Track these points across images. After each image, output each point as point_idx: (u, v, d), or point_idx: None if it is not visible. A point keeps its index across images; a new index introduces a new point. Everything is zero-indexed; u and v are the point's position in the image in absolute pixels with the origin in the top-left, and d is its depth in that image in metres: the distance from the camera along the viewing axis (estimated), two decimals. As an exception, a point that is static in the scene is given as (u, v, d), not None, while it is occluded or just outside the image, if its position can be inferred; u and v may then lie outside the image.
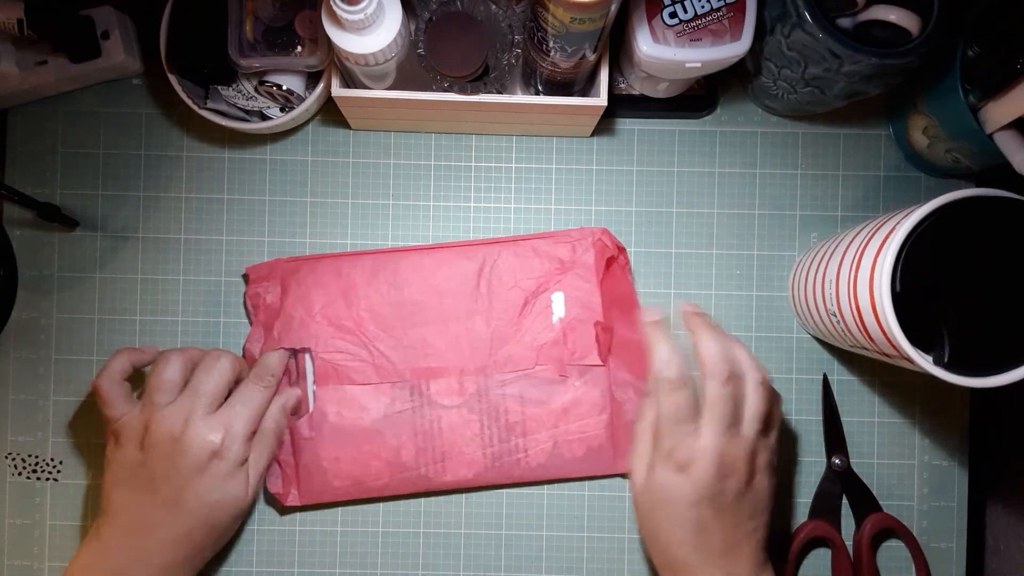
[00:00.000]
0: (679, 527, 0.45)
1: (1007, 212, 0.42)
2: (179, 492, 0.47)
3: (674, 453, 0.44)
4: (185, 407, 0.48)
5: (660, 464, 0.45)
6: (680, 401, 0.45)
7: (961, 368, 0.42)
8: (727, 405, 0.44)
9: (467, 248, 0.55)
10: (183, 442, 0.47)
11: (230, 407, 0.49)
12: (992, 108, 0.48)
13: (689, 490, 0.44)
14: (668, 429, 0.45)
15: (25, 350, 0.56)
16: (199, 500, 0.48)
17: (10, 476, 0.55)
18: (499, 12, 0.47)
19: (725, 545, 0.45)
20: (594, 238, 0.55)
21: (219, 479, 0.48)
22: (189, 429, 0.47)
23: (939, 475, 0.56)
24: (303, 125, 0.57)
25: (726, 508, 0.45)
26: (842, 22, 0.48)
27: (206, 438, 0.48)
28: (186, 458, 0.47)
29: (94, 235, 0.56)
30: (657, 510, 0.46)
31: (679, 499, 0.44)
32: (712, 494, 0.44)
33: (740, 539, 0.45)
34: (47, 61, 0.53)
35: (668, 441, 0.45)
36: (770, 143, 0.58)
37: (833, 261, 0.48)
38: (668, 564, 0.46)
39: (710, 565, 0.45)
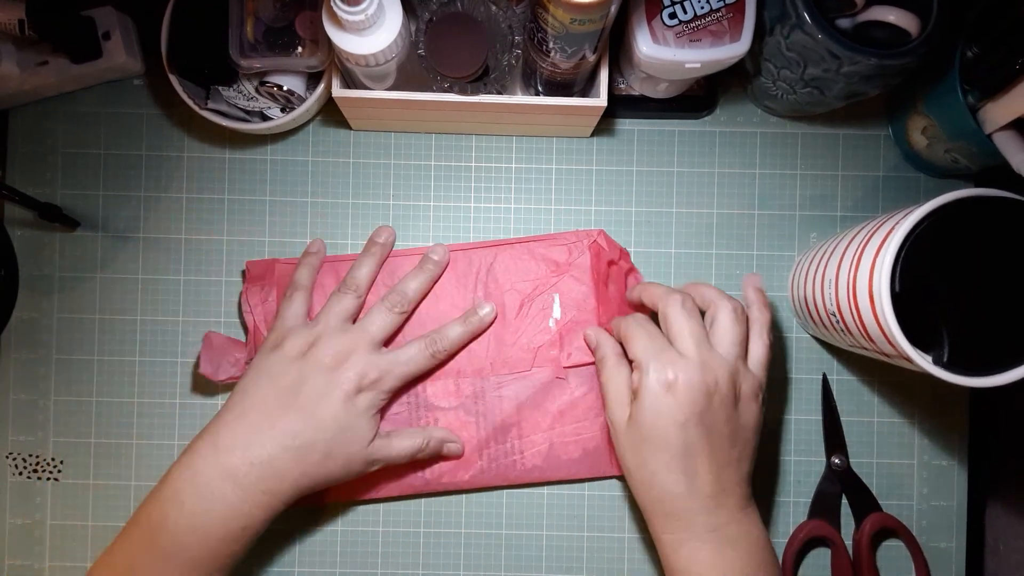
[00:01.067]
0: (669, 451, 0.44)
1: (1006, 212, 0.42)
2: (318, 404, 0.48)
3: (660, 374, 0.44)
4: (354, 339, 0.50)
5: (645, 390, 0.45)
6: (651, 331, 0.47)
7: (960, 368, 0.42)
8: (692, 323, 0.46)
9: (464, 251, 0.55)
10: (343, 366, 0.49)
11: (395, 359, 0.51)
12: (991, 108, 0.48)
13: (677, 409, 0.44)
14: (646, 353, 0.45)
15: (26, 350, 0.56)
16: (333, 419, 0.48)
17: (11, 476, 0.55)
18: (499, 13, 0.47)
19: (712, 471, 0.45)
20: (590, 240, 0.55)
21: (356, 412, 0.48)
22: (352, 356, 0.49)
23: (938, 475, 0.56)
24: (304, 125, 0.57)
25: (713, 429, 0.45)
26: (841, 23, 0.48)
27: (364, 371, 0.49)
28: (338, 381, 0.48)
29: (95, 235, 0.56)
30: (647, 439, 0.45)
31: (670, 420, 0.44)
32: (700, 411, 0.44)
33: (726, 466, 0.45)
34: (48, 61, 0.53)
35: (650, 364, 0.45)
36: (770, 143, 0.58)
37: (832, 261, 0.48)
38: (656, 497, 0.45)
39: (697, 490, 0.44)
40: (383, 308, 0.52)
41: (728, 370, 0.45)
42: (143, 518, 0.46)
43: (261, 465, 0.46)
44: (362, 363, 0.49)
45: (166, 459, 0.55)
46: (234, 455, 0.46)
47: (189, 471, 0.46)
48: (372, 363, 0.49)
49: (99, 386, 0.56)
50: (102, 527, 0.55)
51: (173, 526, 0.45)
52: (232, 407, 0.48)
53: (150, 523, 0.46)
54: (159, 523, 0.45)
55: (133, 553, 0.46)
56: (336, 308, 0.51)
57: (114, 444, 0.56)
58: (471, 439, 0.54)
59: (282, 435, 0.47)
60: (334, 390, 0.48)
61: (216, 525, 0.45)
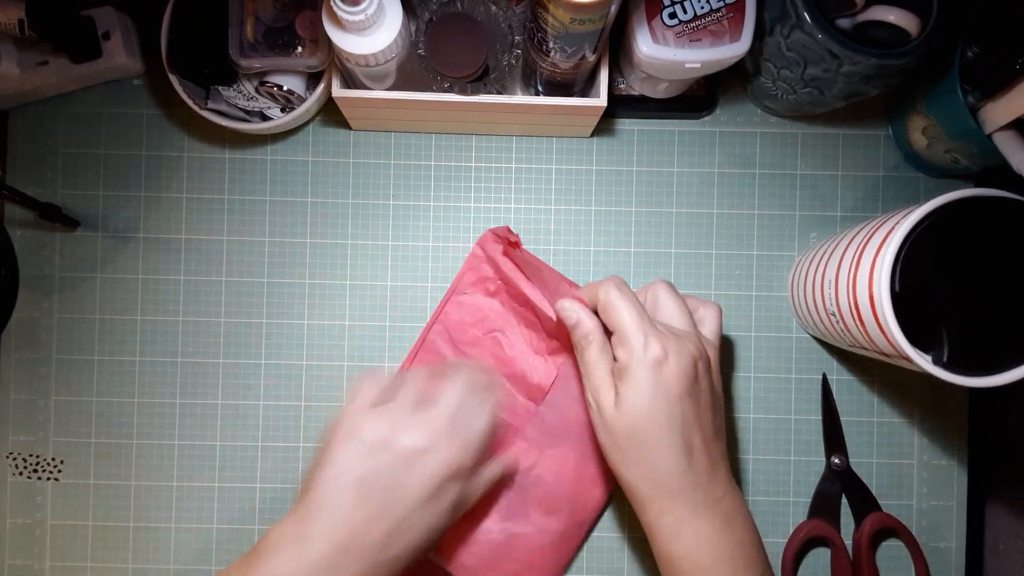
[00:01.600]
0: (663, 427, 0.43)
1: (1006, 212, 0.42)
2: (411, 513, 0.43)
3: (650, 350, 0.43)
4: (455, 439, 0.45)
5: (635, 368, 0.43)
6: (635, 303, 0.45)
7: (960, 368, 0.42)
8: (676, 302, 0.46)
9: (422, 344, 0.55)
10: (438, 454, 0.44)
11: (488, 468, 0.48)
12: (991, 108, 0.48)
13: (672, 381, 0.43)
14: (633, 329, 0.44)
15: (26, 350, 0.56)
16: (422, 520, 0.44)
17: (11, 476, 0.55)
18: (499, 13, 0.47)
19: (704, 443, 0.44)
20: (481, 250, 0.55)
21: (442, 511, 0.45)
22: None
23: (938, 474, 0.56)
24: (303, 126, 0.57)
25: (700, 401, 0.44)
26: (841, 23, 0.48)
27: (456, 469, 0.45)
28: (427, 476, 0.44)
29: (95, 235, 0.56)
30: (639, 419, 0.43)
31: (664, 394, 0.43)
32: (690, 384, 0.43)
33: (714, 438, 0.45)
34: (48, 62, 0.53)
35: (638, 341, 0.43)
36: (769, 143, 0.58)
37: (832, 261, 0.48)
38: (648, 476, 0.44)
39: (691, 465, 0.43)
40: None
41: (699, 341, 0.45)
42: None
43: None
44: (451, 460, 0.44)
45: (166, 459, 0.56)
46: (322, 572, 0.42)
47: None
48: (464, 457, 0.45)
49: (99, 386, 0.56)
50: (102, 527, 0.55)
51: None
52: (318, 506, 0.43)
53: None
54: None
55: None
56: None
57: (114, 444, 0.56)
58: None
59: (372, 552, 0.43)
60: (430, 486, 0.44)
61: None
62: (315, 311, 0.56)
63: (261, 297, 0.56)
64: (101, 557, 0.55)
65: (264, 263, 0.57)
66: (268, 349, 0.56)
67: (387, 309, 0.57)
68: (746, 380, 0.57)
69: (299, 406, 0.56)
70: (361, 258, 0.57)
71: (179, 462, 0.56)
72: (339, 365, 0.56)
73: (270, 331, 0.56)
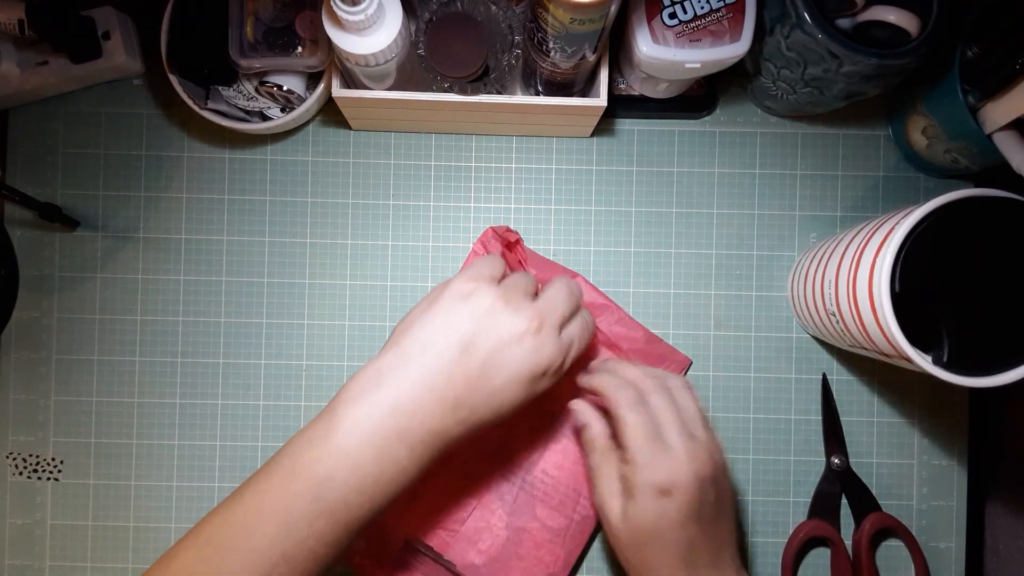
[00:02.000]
0: (670, 551, 0.44)
1: (1006, 212, 0.42)
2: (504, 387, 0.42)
3: (654, 479, 0.43)
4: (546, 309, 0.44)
5: (640, 493, 0.44)
6: (646, 421, 0.45)
7: (960, 368, 0.42)
8: (673, 414, 0.45)
9: None
10: (540, 349, 0.43)
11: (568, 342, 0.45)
12: (991, 108, 0.48)
13: (677, 513, 0.43)
14: (640, 453, 0.44)
15: (26, 350, 0.56)
16: (512, 406, 0.43)
17: (11, 476, 0.55)
18: (499, 13, 0.47)
19: (711, 556, 0.45)
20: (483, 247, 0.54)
21: (528, 397, 0.43)
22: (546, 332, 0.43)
23: (938, 475, 0.56)
24: (303, 125, 0.57)
25: (708, 520, 0.44)
26: (841, 23, 0.48)
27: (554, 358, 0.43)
28: (532, 363, 0.42)
29: (95, 235, 0.56)
30: (648, 540, 0.44)
31: (670, 523, 0.43)
32: (696, 509, 0.44)
33: (720, 547, 0.45)
34: (48, 61, 0.53)
35: (644, 467, 0.44)
36: (769, 143, 0.58)
37: (832, 261, 0.48)
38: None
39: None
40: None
41: (708, 452, 0.45)
42: (305, 469, 0.40)
43: (437, 435, 0.42)
44: (553, 347, 0.43)
45: (166, 459, 0.56)
46: (415, 421, 0.41)
47: (366, 428, 0.40)
48: (560, 351, 0.44)
49: (99, 386, 0.56)
50: (102, 527, 0.55)
51: (343, 484, 0.40)
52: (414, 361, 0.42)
53: (315, 476, 0.40)
54: (326, 478, 0.40)
55: (289, 500, 0.40)
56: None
57: (114, 444, 0.56)
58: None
59: (466, 410, 0.42)
60: (524, 365, 0.42)
61: (384, 488, 0.41)
62: (315, 311, 0.56)
63: (261, 297, 0.56)
64: (101, 557, 0.55)
65: (264, 263, 0.57)
66: (268, 349, 0.56)
67: (387, 309, 0.57)
68: (746, 380, 0.57)
69: (299, 406, 0.56)
70: (361, 258, 0.57)
71: (179, 462, 0.56)
72: (339, 365, 0.56)
73: (270, 331, 0.56)
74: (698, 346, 0.57)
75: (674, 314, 0.57)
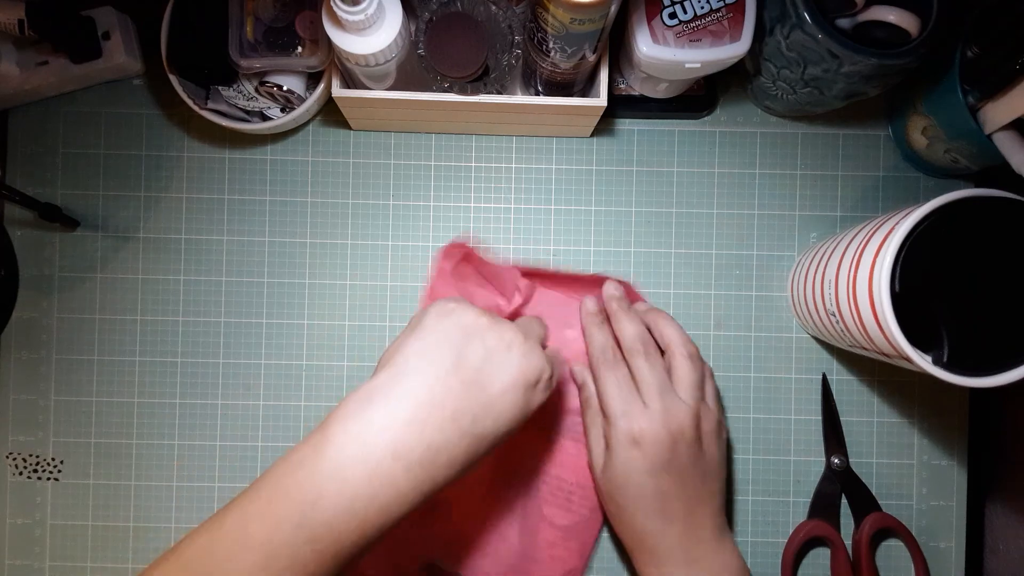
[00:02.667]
0: (643, 498, 0.47)
1: (1006, 212, 0.42)
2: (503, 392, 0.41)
3: (627, 430, 0.47)
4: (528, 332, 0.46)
5: (615, 444, 0.48)
6: (620, 379, 0.49)
7: (960, 368, 0.42)
8: (653, 374, 0.49)
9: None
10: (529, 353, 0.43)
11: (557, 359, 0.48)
12: (991, 108, 0.48)
13: (645, 461, 0.47)
14: (614, 408, 0.48)
15: (26, 350, 0.56)
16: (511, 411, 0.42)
17: (11, 476, 0.55)
18: (499, 13, 0.47)
19: (686, 510, 0.47)
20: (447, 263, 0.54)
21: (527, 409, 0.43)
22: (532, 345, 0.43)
23: (938, 475, 0.56)
24: (303, 125, 0.57)
25: (682, 473, 0.47)
26: (841, 23, 0.48)
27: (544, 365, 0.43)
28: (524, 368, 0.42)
29: (95, 235, 0.56)
30: (621, 488, 0.48)
31: (639, 472, 0.47)
32: (667, 460, 0.47)
33: (698, 504, 0.48)
34: (48, 61, 0.53)
35: (618, 420, 0.48)
36: (769, 143, 0.58)
37: (832, 261, 0.48)
38: (637, 536, 0.48)
39: (673, 529, 0.47)
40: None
41: (691, 414, 0.48)
42: (291, 490, 0.37)
43: (437, 451, 0.39)
44: (541, 357, 0.43)
45: (166, 459, 0.56)
46: (411, 436, 0.38)
47: (358, 446, 0.38)
48: (548, 363, 0.44)
49: (99, 386, 0.56)
50: (102, 527, 0.55)
51: (331, 507, 0.37)
52: (409, 372, 0.40)
53: (301, 498, 0.37)
54: (315, 500, 0.37)
55: (272, 527, 0.37)
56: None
57: (114, 444, 0.56)
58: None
59: (464, 421, 0.40)
60: (517, 374, 0.42)
61: (377, 512, 0.38)
62: (315, 311, 0.56)
63: (261, 297, 0.56)
64: (101, 557, 0.55)
65: (264, 263, 0.57)
66: (268, 349, 0.56)
67: (387, 309, 0.57)
68: (746, 380, 0.57)
69: (299, 406, 0.56)
70: (361, 258, 0.57)
71: (179, 462, 0.56)
72: (339, 365, 0.56)
73: (270, 331, 0.56)
74: (698, 346, 0.57)
75: (674, 314, 0.57)
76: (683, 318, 0.57)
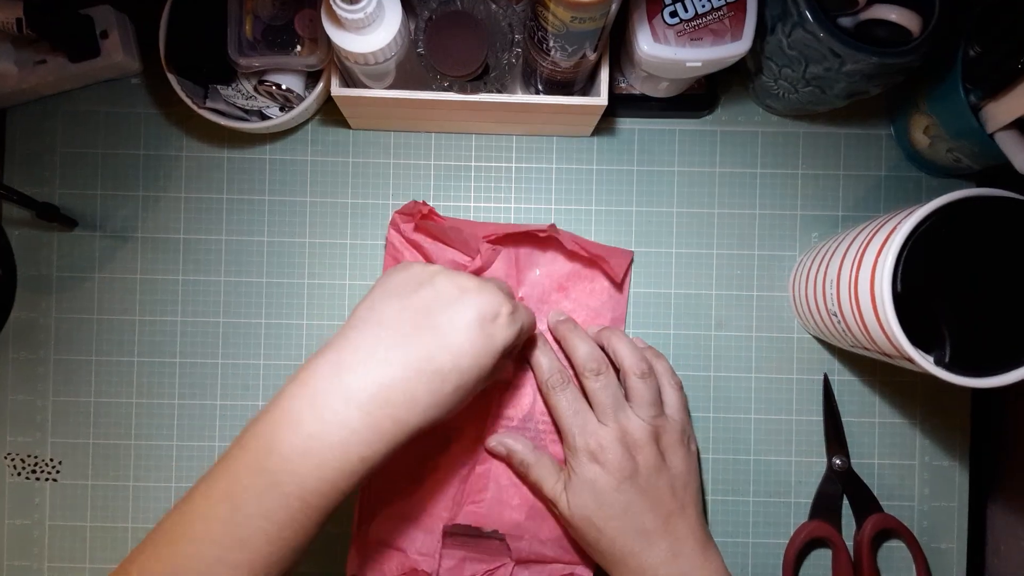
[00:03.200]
0: (615, 518, 0.46)
1: (1008, 212, 0.42)
2: (454, 326, 0.41)
3: (584, 446, 0.47)
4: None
5: (576, 464, 0.48)
6: (572, 399, 0.49)
7: (962, 368, 0.42)
8: (606, 394, 0.48)
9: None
10: (480, 291, 0.43)
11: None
12: (993, 107, 0.48)
13: (610, 477, 0.47)
14: (569, 426, 0.48)
15: (24, 350, 0.56)
16: (470, 345, 0.41)
17: (9, 476, 0.55)
18: (499, 11, 0.47)
19: (662, 525, 0.47)
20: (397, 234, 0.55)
21: (492, 345, 0.42)
22: (488, 285, 0.44)
23: (940, 475, 0.56)
24: (303, 125, 0.57)
25: (647, 487, 0.47)
26: (843, 21, 0.48)
27: (501, 299, 0.43)
28: (475, 302, 0.42)
29: (93, 235, 0.56)
30: (591, 511, 0.47)
31: (605, 489, 0.47)
32: (629, 473, 0.47)
33: (673, 517, 0.47)
34: (46, 60, 0.53)
35: (575, 438, 0.48)
36: (771, 143, 0.57)
37: (834, 261, 0.48)
38: (619, 561, 0.47)
39: (655, 548, 0.46)
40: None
41: (646, 430, 0.48)
42: (249, 441, 0.39)
43: (390, 388, 0.39)
44: (497, 292, 0.43)
45: (165, 460, 0.55)
46: (360, 375, 0.39)
47: (307, 390, 0.39)
48: (507, 298, 0.44)
49: (97, 386, 0.56)
50: (101, 527, 0.55)
51: (288, 449, 0.38)
52: (356, 324, 0.42)
53: (258, 445, 0.38)
54: (269, 445, 0.38)
55: (234, 478, 0.38)
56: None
57: (112, 444, 0.56)
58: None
59: (416, 356, 0.40)
60: (471, 311, 0.42)
61: (334, 452, 0.38)
62: (314, 311, 0.56)
63: (260, 297, 0.56)
64: (100, 558, 0.55)
65: (263, 263, 0.56)
66: (267, 349, 0.56)
67: (386, 309, 0.56)
68: (747, 380, 0.56)
69: (298, 406, 0.56)
70: (360, 258, 0.57)
71: (178, 463, 0.56)
72: (338, 365, 0.56)
73: (269, 331, 0.56)
74: (699, 346, 0.56)
75: (675, 314, 0.57)
76: (684, 318, 0.56)
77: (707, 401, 0.56)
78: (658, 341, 0.56)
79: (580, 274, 0.55)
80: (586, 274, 0.55)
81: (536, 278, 0.55)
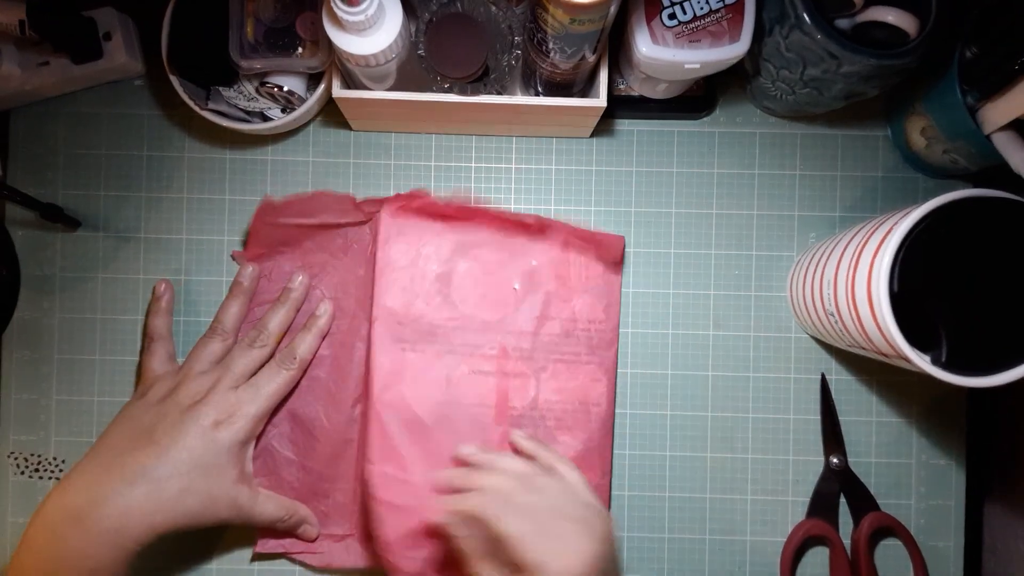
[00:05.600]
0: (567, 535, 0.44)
1: (1005, 213, 0.42)
2: (174, 440, 0.47)
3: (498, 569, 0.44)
4: (214, 377, 0.50)
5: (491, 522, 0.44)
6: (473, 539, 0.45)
7: (959, 368, 0.42)
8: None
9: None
10: (200, 403, 0.49)
11: (255, 388, 0.51)
12: (990, 109, 0.48)
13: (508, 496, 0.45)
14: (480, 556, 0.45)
15: (27, 349, 0.56)
16: (189, 453, 0.47)
17: (12, 475, 0.56)
18: (499, 13, 0.47)
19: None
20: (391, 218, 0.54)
21: (216, 448, 0.48)
22: (211, 394, 0.49)
23: (937, 474, 0.57)
24: (304, 126, 0.57)
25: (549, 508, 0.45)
26: (840, 23, 0.48)
27: (221, 406, 0.49)
28: (194, 416, 0.48)
29: (96, 235, 0.56)
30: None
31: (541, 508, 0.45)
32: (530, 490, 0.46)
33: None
34: (49, 62, 0.53)
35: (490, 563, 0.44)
36: (769, 144, 0.58)
37: (831, 261, 0.48)
38: None
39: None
40: (244, 345, 0.52)
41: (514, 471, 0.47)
42: (15, 563, 0.46)
43: (104, 503, 0.45)
44: (219, 398, 0.49)
45: (167, 458, 0.56)
46: (79, 495, 0.46)
47: (39, 517, 0.46)
48: (229, 398, 0.49)
49: (100, 386, 0.56)
50: (103, 526, 0.55)
51: (32, 572, 0.45)
52: (89, 452, 0.48)
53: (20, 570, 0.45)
54: (18, 571, 0.45)
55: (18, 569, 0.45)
56: (202, 352, 0.52)
57: (115, 443, 0.56)
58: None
59: (132, 471, 0.46)
60: (190, 425, 0.48)
61: (67, 570, 0.45)
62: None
63: (262, 297, 0.56)
64: (102, 556, 0.55)
65: (265, 263, 0.57)
66: (269, 349, 0.56)
67: (387, 309, 0.57)
68: (745, 380, 0.57)
69: (299, 406, 0.56)
70: (361, 258, 0.57)
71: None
72: (339, 365, 0.56)
73: (271, 331, 0.56)
74: (697, 346, 0.57)
75: (673, 314, 0.57)
76: (683, 318, 0.57)
77: (705, 400, 0.57)
78: (657, 341, 0.57)
79: (576, 261, 0.55)
80: (582, 261, 0.55)
81: (533, 268, 0.55)
